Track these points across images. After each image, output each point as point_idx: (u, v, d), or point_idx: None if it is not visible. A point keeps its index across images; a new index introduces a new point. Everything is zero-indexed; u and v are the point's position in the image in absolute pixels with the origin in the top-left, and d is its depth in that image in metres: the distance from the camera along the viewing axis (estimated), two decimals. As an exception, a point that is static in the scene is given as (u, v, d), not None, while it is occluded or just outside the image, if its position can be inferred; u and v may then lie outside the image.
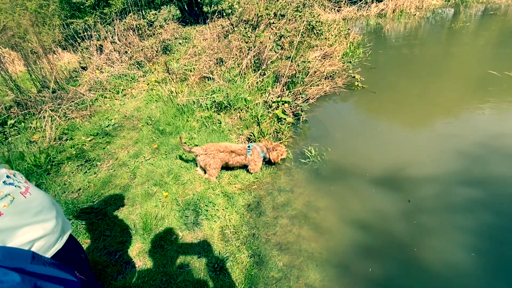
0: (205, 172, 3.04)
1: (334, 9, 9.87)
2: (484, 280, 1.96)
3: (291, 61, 4.63)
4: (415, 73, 5.27)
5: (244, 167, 3.13)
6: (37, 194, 1.24)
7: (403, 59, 6.15)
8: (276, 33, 5.31)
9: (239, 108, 4.16)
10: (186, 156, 3.40)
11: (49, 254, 1.21)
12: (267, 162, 3.16)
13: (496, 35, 6.71)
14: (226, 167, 3.09)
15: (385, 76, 5.26)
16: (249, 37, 5.31)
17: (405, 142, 3.38)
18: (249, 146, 3.01)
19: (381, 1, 10.06)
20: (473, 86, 4.51)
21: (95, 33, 7.01)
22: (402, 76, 5.28)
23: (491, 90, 4.22)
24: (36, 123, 4.18)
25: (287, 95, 4.29)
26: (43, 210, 1.22)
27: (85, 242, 2.47)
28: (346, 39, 6.34)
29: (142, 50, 6.54)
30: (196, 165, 3.11)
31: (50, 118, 4.16)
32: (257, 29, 5.82)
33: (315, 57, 5.38)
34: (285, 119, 3.89)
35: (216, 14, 8.36)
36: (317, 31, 5.94)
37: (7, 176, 1.16)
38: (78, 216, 2.67)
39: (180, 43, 7.38)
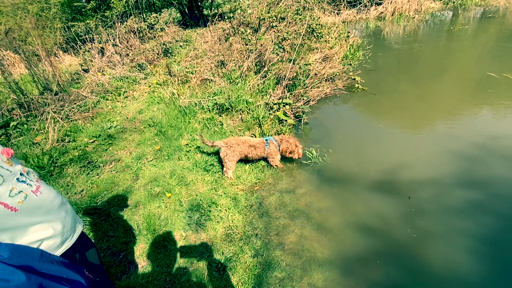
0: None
1: (334, 12, 9.95)
2: (485, 281, 1.97)
3: (293, 63, 4.66)
4: (414, 75, 5.32)
5: (263, 159, 3.28)
6: (48, 193, 1.25)
7: (402, 61, 6.20)
8: (278, 35, 5.35)
9: (240, 110, 4.19)
10: (188, 158, 3.42)
11: (58, 253, 1.22)
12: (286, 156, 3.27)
13: (495, 37, 6.77)
14: (245, 160, 3.21)
15: (385, 78, 5.31)
16: (249, 39, 5.36)
17: (405, 143, 3.41)
18: (266, 140, 3.13)
19: (380, 4, 10.13)
20: (472, 88, 4.55)
21: (97, 36, 7.06)
22: (402, 78, 5.33)
23: (490, 92, 4.26)
24: (39, 125, 4.20)
25: (288, 97, 4.33)
26: (53, 210, 1.23)
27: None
28: (346, 41, 6.39)
29: (143, 52, 6.58)
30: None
31: (52, 120, 4.18)
32: (258, 31, 5.86)
33: (316, 59, 5.42)
34: (286, 120, 3.92)
35: (217, 17, 8.42)
36: (317, 33, 6.00)
37: (21, 174, 1.18)
38: (81, 217, 2.69)
39: (181, 46, 7.42)
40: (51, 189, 1.30)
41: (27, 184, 1.17)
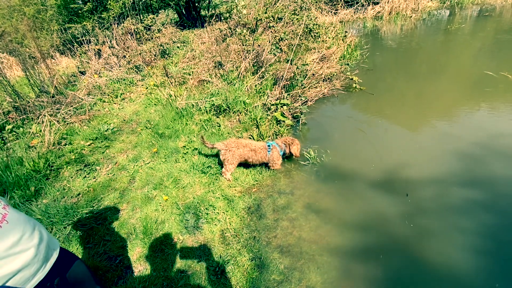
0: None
1: (331, 12, 9.94)
2: (485, 280, 1.96)
3: (290, 64, 4.65)
4: (412, 75, 5.31)
5: (263, 164, 3.20)
6: (16, 222, 1.13)
7: (400, 60, 6.19)
8: (275, 36, 5.34)
9: (238, 111, 4.17)
10: (185, 160, 3.40)
11: (30, 285, 1.12)
12: (287, 156, 3.24)
13: (492, 36, 6.78)
14: (245, 164, 3.16)
15: (383, 78, 5.30)
16: (247, 40, 5.34)
17: (403, 143, 3.40)
18: (269, 145, 3.05)
19: (377, 4, 10.13)
20: (470, 87, 4.55)
21: (93, 37, 7.03)
22: (400, 77, 5.32)
23: (488, 90, 4.26)
24: (35, 128, 4.17)
25: (286, 98, 4.31)
26: (21, 240, 1.12)
27: (85, 247, 2.46)
28: (343, 41, 6.37)
29: (140, 54, 6.55)
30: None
31: (49, 123, 4.15)
32: (255, 32, 5.85)
33: (313, 59, 5.40)
34: (284, 121, 3.91)
35: (214, 18, 8.40)
36: (315, 33, 5.98)
37: None
38: (78, 221, 2.66)
39: (178, 47, 7.40)
40: (20, 215, 1.19)
41: None
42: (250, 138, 3.71)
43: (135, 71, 6.25)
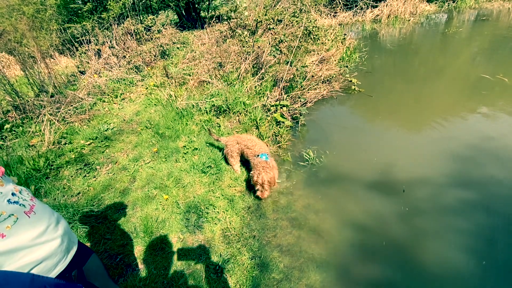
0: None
1: (330, 15, 10.02)
2: (480, 280, 1.99)
3: (290, 65, 4.69)
4: (410, 77, 5.37)
5: None
6: (42, 213, 1.18)
7: (398, 63, 6.26)
8: (275, 38, 5.38)
9: (238, 111, 4.20)
10: (186, 160, 3.42)
11: (52, 275, 1.16)
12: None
13: (489, 39, 6.87)
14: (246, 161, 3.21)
15: (381, 80, 5.35)
16: (247, 42, 5.38)
17: (401, 145, 3.44)
18: (263, 155, 2.80)
19: (376, 7, 10.22)
20: (467, 90, 4.61)
21: (93, 37, 7.04)
22: (398, 80, 5.38)
23: (484, 93, 4.32)
24: (35, 127, 4.17)
25: (285, 99, 4.35)
26: (47, 230, 1.16)
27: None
28: (342, 44, 6.44)
29: (140, 54, 6.57)
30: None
31: (48, 122, 4.15)
32: (255, 34, 5.89)
33: (312, 61, 5.45)
34: (283, 122, 3.94)
35: (214, 19, 8.44)
36: (314, 36, 6.04)
37: (13, 194, 1.11)
38: (78, 220, 2.67)
39: (178, 48, 7.42)
40: (46, 207, 1.24)
41: (20, 205, 1.10)
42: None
43: (135, 71, 6.26)
